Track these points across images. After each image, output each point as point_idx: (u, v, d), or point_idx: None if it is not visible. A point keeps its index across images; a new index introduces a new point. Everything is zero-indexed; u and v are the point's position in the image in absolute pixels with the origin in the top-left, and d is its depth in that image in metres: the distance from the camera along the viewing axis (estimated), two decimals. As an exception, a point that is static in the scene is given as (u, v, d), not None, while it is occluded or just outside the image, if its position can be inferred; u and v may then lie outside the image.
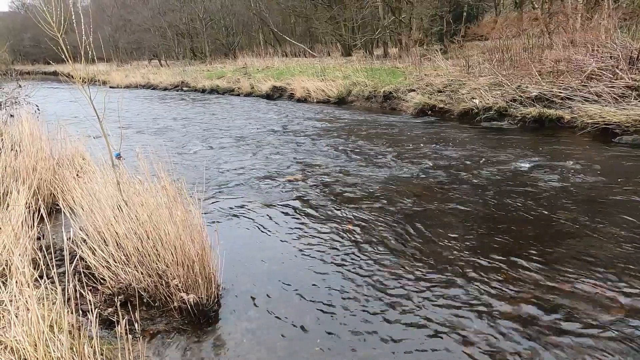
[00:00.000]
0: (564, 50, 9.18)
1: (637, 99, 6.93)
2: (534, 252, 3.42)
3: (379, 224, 4.15)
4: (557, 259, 3.29)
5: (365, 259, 3.51)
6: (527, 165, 5.64)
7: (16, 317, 1.98)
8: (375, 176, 5.59)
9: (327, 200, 4.85)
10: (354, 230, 4.05)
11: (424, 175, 5.50)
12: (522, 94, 8.42)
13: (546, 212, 4.14)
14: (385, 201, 4.70)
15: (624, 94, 7.18)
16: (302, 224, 4.28)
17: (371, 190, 5.07)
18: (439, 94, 10.20)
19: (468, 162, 5.93)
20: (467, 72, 10.69)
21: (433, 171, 5.64)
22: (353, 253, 3.62)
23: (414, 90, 10.90)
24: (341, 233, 4.01)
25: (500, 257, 3.38)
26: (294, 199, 4.95)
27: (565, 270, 3.13)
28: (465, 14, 18.82)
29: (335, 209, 4.58)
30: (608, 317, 2.63)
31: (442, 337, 2.56)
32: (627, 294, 2.82)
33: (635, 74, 7.43)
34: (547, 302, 2.80)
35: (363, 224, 4.18)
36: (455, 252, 3.52)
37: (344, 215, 4.42)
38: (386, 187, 5.14)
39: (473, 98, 9.15)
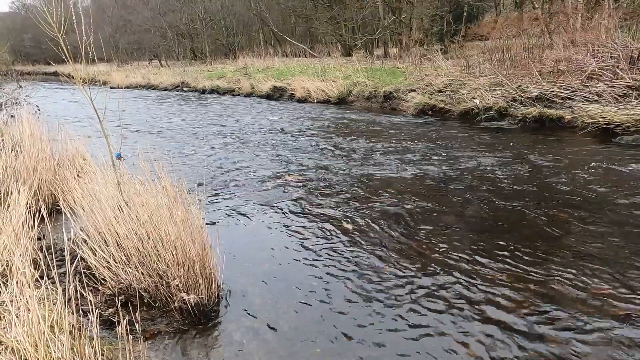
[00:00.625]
0: (564, 50, 9.18)
1: (637, 99, 6.92)
2: (533, 252, 3.42)
3: (380, 223, 4.15)
4: (556, 259, 3.29)
5: (366, 259, 3.50)
6: (527, 165, 5.64)
7: (17, 317, 1.98)
8: (375, 176, 5.59)
9: (327, 200, 4.85)
10: (354, 230, 4.05)
11: (424, 175, 5.50)
12: (522, 94, 8.42)
13: (546, 212, 4.13)
14: (385, 201, 4.70)
15: (624, 93, 7.18)
16: (302, 224, 4.28)
17: (371, 190, 5.07)
18: (440, 94, 10.20)
19: (468, 162, 5.93)
20: (467, 72, 10.69)
21: (434, 171, 5.64)
22: (354, 253, 3.62)
23: (414, 91, 10.90)
24: (341, 233, 4.01)
25: (501, 257, 3.38)
26: (294, 199, 4.95)
27: (566, 270, 3.13)
28: (465, 14, 18.82)
29: (335, 209, 4.58)
30: (610, 317, 2.62)
31: (442, 337, 2.56)
32: (628, 293, 2.82)
33: (635, 73, 7.43)
34: (547, 302, 2.80)
35: (363, 223, 4.18)
36: (456, 252, 3.52)
37: (344, 215, 4.42)
38: (386, 187, 5.14)
39: (473, 98, 9.15)
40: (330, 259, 3.55)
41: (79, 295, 2.31)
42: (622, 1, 11.23)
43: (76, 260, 2.72)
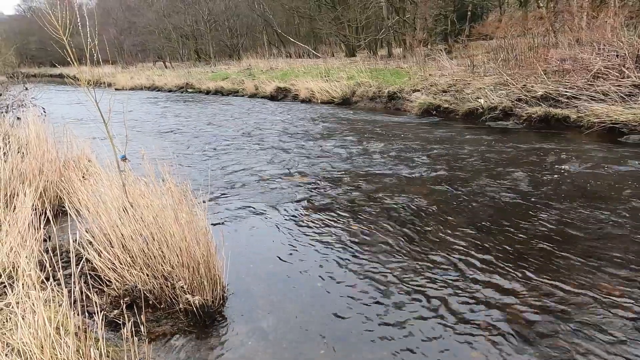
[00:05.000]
0: (569, 49, 9.12)
1: (644, 98, 6.87)
2: (538, 252, 3.40)
3: (384, 224, 4.14)
4: (562, 260, 3.26)
5: (371, 260, 3.49)
6: (533, 165, 5.60)
7: (23, 319, 1.98)
8: (380, 176, 5.58)
9: (331, 201, 4.84)
10: (360, 230, 4.03)
11: (428, 175, 5.48)
12: (527, 94, 8.38)
13: (552, 212, 4.10)
14: (389, 201, 4.69)
15: (631, 92, 7.12)
16: (307, 224, 4.28)
17: (376, 191, 5.05)
18: (444, 94, 10.17)
19: (473, 163, 5.90)
20: (471, 72, 10.65)
21: (438, 171, 5.62)
22: (358, 254, 3.61)
23: (418, 91, 10.87)
24: (346, 233, 4.00)
25: (506, 257, 3.35)
26: (298, 200, 4.95)
27: (572, 270, 3.10)
28: (469, 13, 18.75)
29: (340, 209, 4.57)
30: (616, 318, 2.60)
31: (447, 338, 2.54)
32: (633, 293, 2.79)
33: (642, 72, 7.36)
34: (553, 302, 2.78)
35: (369, 224, 4.17)
36: (460, 252, 3.50)
37: (349, 215, 4.41)
38: (390, 187, 5.13)
39: (478, 98, 9.11)
40: (335, 260, 3.54)
41: (84, 297, 2.32)
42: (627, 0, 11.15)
43: (82, 261, 2.73)
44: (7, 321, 2.16)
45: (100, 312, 2.05)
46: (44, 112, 7.55)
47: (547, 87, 8.24)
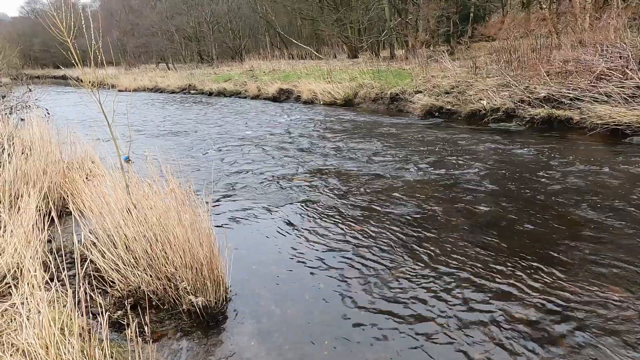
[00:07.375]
0: (572, 50, 9.11)
1: (647, 99, 6.85)
2: (543, 254, 3.39)
3: (388, 225, 4.14)
4: (567, 261, 3.26)
5: (374, 261, 3.49)
6: (536, 166, 5.59)
7: (27, 319, 1.99)
8: (383, 178, 5.58)
9: (334, 202, 4.84)
10: (363, 232, 4.03)
11: (431, 177, 5.48)
12: (530, 95, 8.36)
13: (556, 214, 4.09)
14: (393, 203, 4.69)
15: (634, 94, 7.10)
16: (310, 226, 4.28)
17: (379, 192, 5.05)
18: (446, 95, 10.16)
19: (476, 164, 5.89)
20: (474, 73, 10.64)
21: (441, 173, 5.61)
22: (361, 255, 3.61)
23: (420, 92, 10.86)
24: (349, 235, 4.00)
25: (509, 259, 3.35)
26: (301, 201, 4.95)
27: (576, 272, 3.10)
28: (472, 14, 18.74)
29: (343, 211, 4.58)
30: (621, 320, 2.59)
31: (450, 340, 2.54)
32: (637, 295, 2.79)
33: (645, 73, 7.34)
34: (557, 304, 2.77)
35: (372, 225, 4.17)
36: (463, 254, 3.50)
37: (352, 217, 4.41)
38: (394, 189, 5.13)
39: (480, 99, 9.10)
40: (338, 261, 3.54)
41: (88, 298, 2.33)
42: (630, 0, 11.12)
43: (85, 262, 2.74)
44: (12, 321, 2.17)
45: (104, 312, 2.06)
46: (48, 113, 7.59)
47: (549, 88, 8.23)
